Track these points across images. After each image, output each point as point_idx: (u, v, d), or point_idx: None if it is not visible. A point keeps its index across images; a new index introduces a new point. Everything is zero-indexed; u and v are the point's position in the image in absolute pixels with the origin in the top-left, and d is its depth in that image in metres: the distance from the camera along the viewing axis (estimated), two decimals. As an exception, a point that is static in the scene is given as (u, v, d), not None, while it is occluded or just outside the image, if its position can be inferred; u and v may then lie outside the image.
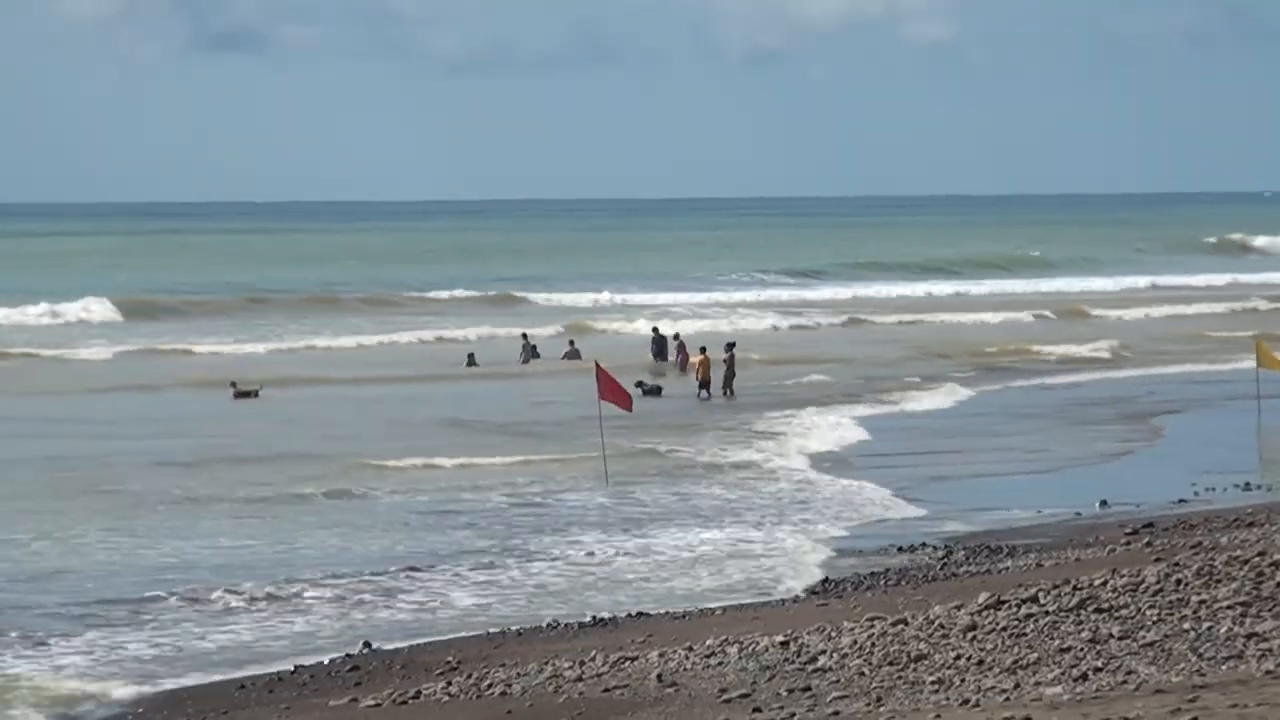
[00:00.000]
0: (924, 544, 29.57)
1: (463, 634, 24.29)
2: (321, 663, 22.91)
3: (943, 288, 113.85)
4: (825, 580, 26.91)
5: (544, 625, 24.52)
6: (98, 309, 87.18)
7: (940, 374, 58.59)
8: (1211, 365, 58.99)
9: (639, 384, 52.28)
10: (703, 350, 55.11)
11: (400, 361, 65.99)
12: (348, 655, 23.17)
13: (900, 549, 29.26)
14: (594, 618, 24.77)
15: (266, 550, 29.67)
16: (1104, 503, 33.05)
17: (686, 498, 34.62)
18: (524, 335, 66.55)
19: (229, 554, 29.38)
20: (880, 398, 52.42)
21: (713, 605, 25.40)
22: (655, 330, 64.93)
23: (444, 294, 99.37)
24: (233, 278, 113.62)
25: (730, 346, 55.46)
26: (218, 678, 22.54)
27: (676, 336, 62.53)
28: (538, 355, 63.82)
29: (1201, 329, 75.16)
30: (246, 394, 53.59)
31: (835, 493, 35.12)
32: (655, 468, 38.07)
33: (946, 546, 29.30)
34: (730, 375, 53.51)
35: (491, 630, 24.44)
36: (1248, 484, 34.50)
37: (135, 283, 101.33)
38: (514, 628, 24.41)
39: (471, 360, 62.71)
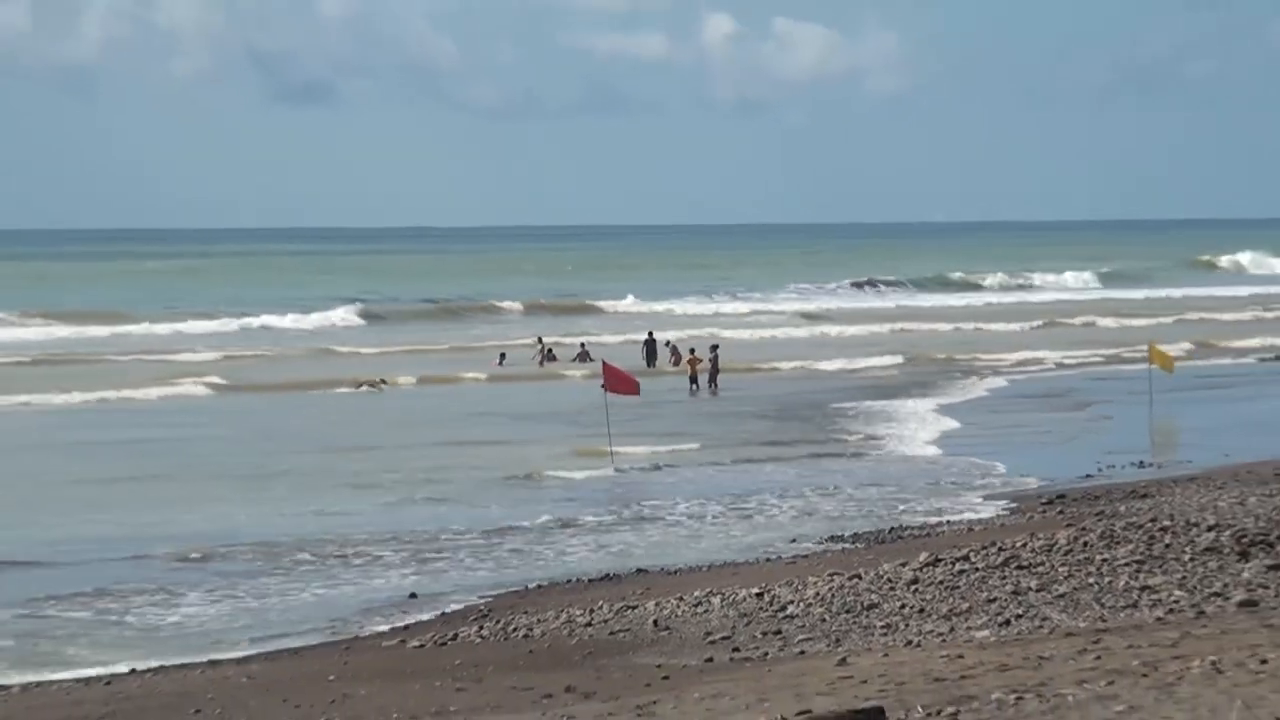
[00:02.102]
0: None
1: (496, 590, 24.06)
2: (375, 607, 22.85)
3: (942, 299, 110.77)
4: (793, 541, 26.65)
5: (561, 581, 24.28)
6: (344, 315, 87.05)
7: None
8: (1123, 365, 58.01)
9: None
10: (692, 352, 54.86)
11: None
12: (399, 604, 23.07)
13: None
14: (602, 574, 24.54)
15: (335, 520, 29.36)
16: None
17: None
18: (539, 339, 65.61)
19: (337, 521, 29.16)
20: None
21: (702, 564, 25.14)
22: (649, 335, 63.78)
23: (544, 300, 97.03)
24: (397, 290, 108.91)
25: (714, 348, 54.96)
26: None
27: (669, 343, 61.22)
28: (554, 358, 62.60)
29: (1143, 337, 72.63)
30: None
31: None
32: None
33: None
34: (715, 372, 52.78)
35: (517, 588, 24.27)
36: (1141, 462, 34.45)
37: (334, 294, 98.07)
38: (534, 584, 24.22)
39: (503, 359, 61.89)
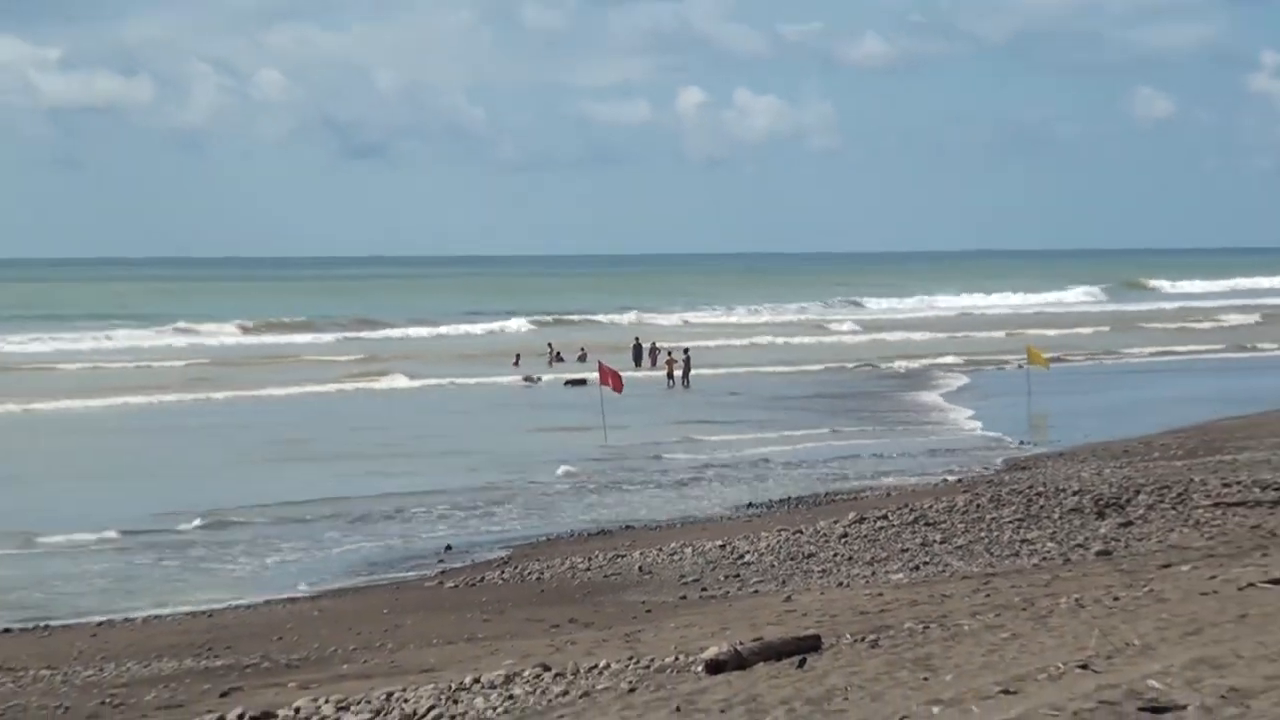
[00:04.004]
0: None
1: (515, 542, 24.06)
2: (419, 556, 22.81)
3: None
4: (750, 504, 26.56)
5: (565, 535, 24.23)
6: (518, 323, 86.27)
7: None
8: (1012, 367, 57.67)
9: (568, 381, 52.01)
10: (669, 353, 54.79)
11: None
12: (438, 554, 23.06)
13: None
14: (597, 530, 24.51)
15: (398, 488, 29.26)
16: None
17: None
18: (549, 345, 65.02)
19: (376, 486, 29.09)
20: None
21: (677, 521, 25.08)
22: (637, 340, 63.44)
23: (604, 317, 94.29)
24: (483, 305, 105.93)
25: (685, 351, 54.35)
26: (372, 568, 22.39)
27: (654, 346, 60.61)
28: (561, 359, 62.25)
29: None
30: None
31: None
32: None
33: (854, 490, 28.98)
34: (687, 370, 52.35)
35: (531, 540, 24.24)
36: (1022, 441, 34.38)
37: (446, 310, 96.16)
38: (544, 538, 24.16)
39: (518, 360, 61.46)
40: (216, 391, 49.62)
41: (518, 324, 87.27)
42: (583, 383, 50.45)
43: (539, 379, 55.28)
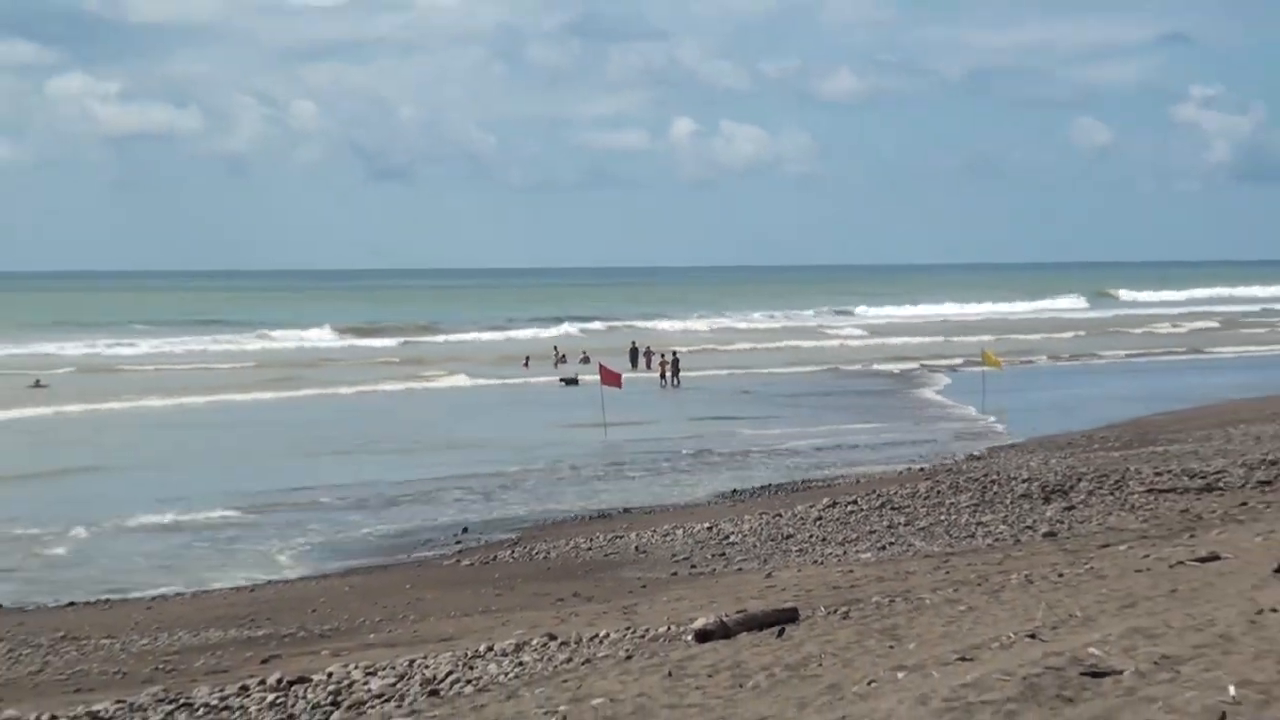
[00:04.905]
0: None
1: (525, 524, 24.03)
2: (438, 537, 22.77)
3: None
4: (734, 491, 26.50)
5: (569, 518, 24.19)
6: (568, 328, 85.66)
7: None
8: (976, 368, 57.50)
9: (562, 379, 51.68)
10: (661, 355, 54.73)
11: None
12: (455, 536, 23.03)
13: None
14: (598, 513, 24.48)
15: (409, 475, 29.21)
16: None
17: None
18: (555, 348, 64.88)
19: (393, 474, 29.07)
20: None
21: (669, 505, 25.09)
22: (633, 343, 63.30)
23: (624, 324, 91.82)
24: (507, 313, 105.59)
25: (674, 353, 54.12)
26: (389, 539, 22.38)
27: (648, 349, 60.45)
28: (565, 360, 61.93)
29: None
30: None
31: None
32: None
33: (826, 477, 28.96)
34: (676, 369, 52.00)
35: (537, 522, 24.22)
36: (975, 435, 34.41)
37: (491, 317, 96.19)
38: (550, 520, 24.14)
39: (528, 361, 61.30)
40: (296, 390, 49.42)
41: (567, 328, 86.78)
42: (575, 382, 50.44)
43: (529, 359, 55.44)
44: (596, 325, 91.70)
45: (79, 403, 44.34)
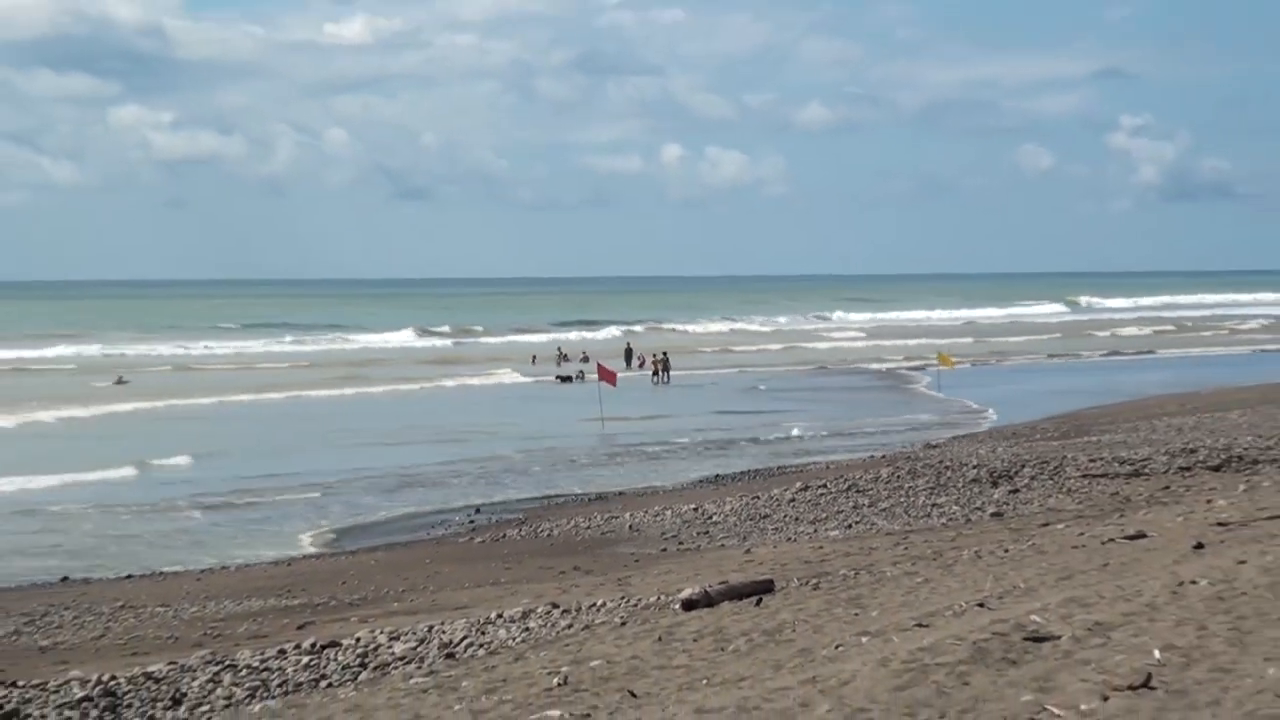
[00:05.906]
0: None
1: (529, 505, 23.96)
2: (453, 517, 22.65)
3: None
4: (717, 476, 26.40)
5: (570, 499, 24.06)
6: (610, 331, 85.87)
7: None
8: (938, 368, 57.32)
9: (559, 376, 51.35)
10: (654, 355, 54.60)
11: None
12: (469, 514, 22.94)
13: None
14: (595, 495, 24.36)
15: (419, 461, 29.01)
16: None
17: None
18: (558, 348, 64.48)
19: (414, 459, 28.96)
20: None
21: (659, 489, 25.04)
22: (628, 345, 63.09)
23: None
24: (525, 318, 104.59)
25: (664, 354, 53.86)
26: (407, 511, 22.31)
27: (639, 352, 60.34)
28: (567, 359, 61.71)
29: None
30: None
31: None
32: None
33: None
34: (666, 369, 51.52)
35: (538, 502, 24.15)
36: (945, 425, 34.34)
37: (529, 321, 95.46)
38: (553, 502, 24.02)
39: (535, 359, 61.03)
40: (354, 387, 48.74)
41: (609, 331, 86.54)
42: (570, 380, 50.29)
43: (535, 358, 55.17)
44: (613, 331, 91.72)
45: (159, 399, 43.91)
